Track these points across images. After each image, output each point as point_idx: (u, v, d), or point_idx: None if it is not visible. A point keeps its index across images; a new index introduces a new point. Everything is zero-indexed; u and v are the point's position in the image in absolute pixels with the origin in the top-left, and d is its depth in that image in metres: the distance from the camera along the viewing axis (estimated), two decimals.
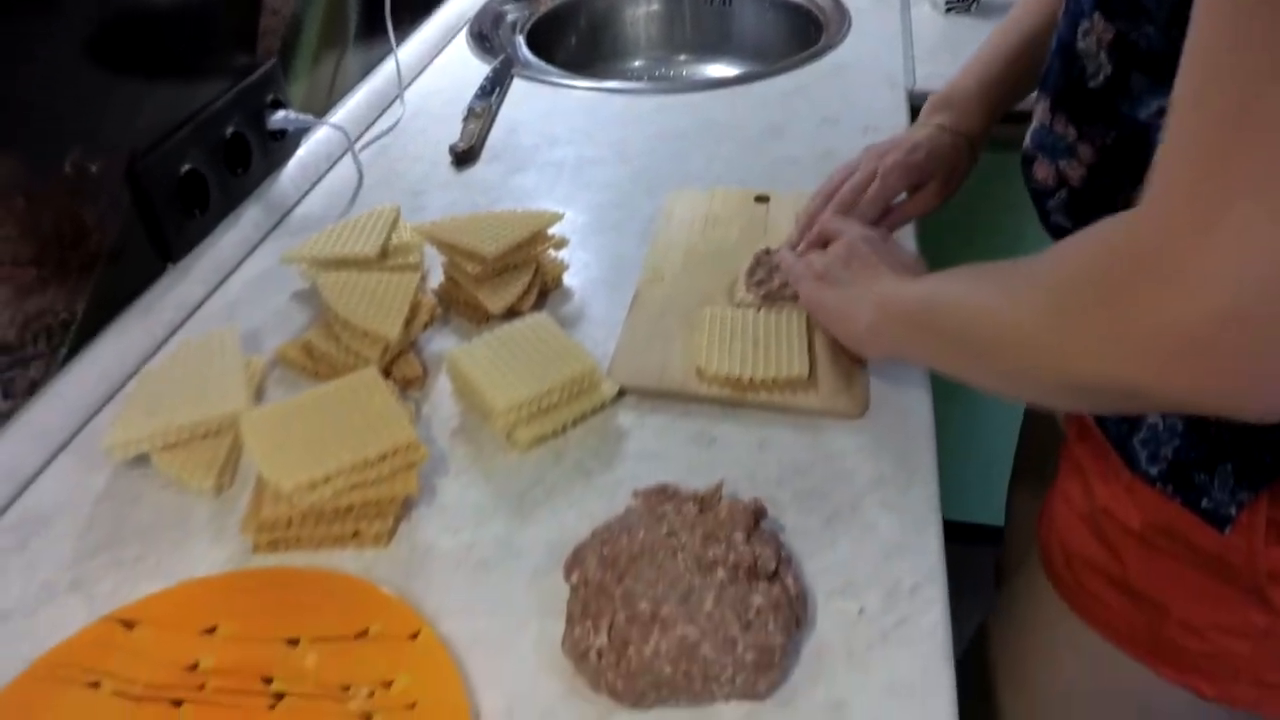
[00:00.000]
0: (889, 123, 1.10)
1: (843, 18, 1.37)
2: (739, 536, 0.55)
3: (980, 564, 1.09)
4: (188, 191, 0.85)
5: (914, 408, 0.71)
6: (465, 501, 0.66)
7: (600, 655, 0.52)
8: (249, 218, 0.94)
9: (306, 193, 1.03)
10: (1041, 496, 0.77)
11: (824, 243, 0.79)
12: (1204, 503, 0.58)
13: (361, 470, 0.61)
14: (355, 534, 0.62)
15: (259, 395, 0.75)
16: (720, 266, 0.86)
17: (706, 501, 0.59)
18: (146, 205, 0.80)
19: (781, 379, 0.72)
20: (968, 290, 0.55)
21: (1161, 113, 0.54)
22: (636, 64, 1.56)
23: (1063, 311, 0.45)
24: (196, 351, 0.74)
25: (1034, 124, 0.66)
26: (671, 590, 0.52)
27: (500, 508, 0.65)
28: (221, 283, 0.89)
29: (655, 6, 1.54)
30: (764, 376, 0.71)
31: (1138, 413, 0.60)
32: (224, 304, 0.87)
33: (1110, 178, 0.60)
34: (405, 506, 0.65)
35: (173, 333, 0.83)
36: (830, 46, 1.30)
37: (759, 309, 0.79)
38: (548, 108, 1.20)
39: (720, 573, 0.53)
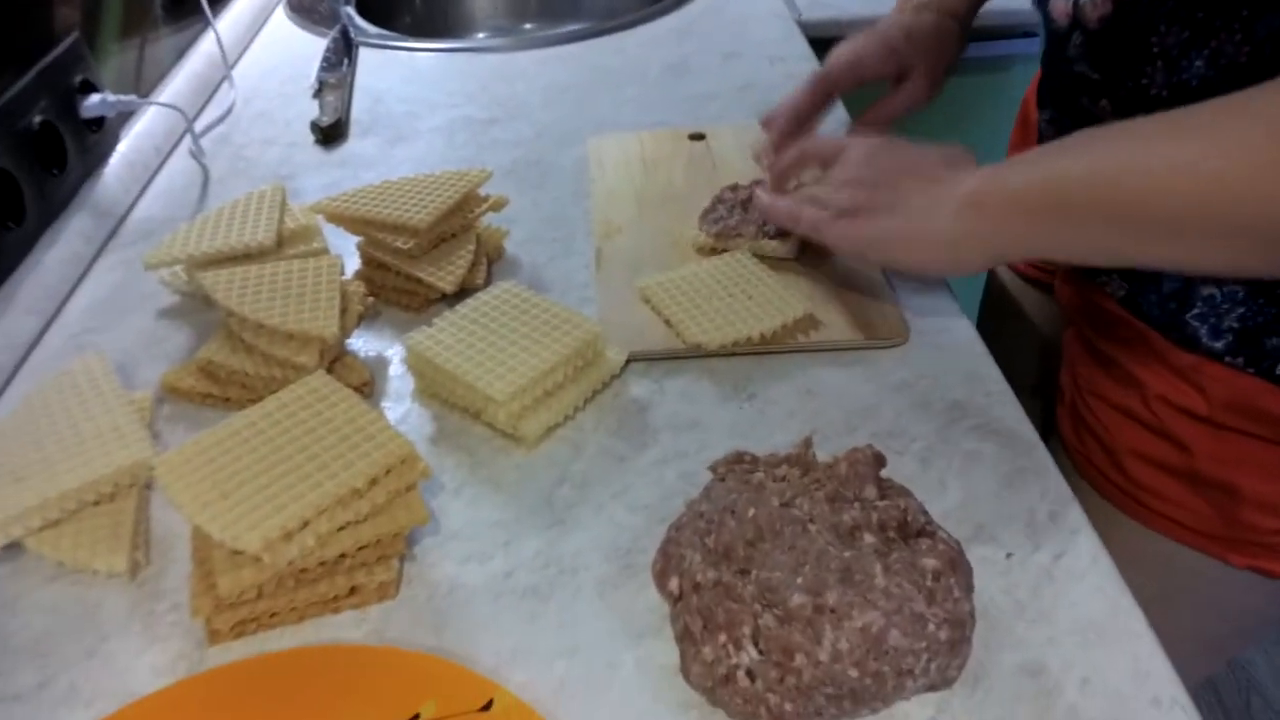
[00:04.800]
0: (792, 51, 1.03)
1: None
2: (871, 491, 0.44)
3: None
4: None
5: (950, 322, 0.63)
6: (480, 520, 0.51)
7: (752, 675, 0.39)
8: (75, 229, 0.73)
9: (139, 195, 0.83)
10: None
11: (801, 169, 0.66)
12: (1279, 369, 0.54)
13: (349, 504, 0.45)
14: (352, 590, 0.46)
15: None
16: (678, 208, 0.75)
17: (801, 460, 0.48)
18: None
19: (790, 324, 0.61)
20: (1132, 153, 0.44)
21: None
22: (480, 36, 1.41)
23: None
24: (55, 396, 0.55)
25: None
26: (824, 570, 0.40)
27: (526, 519, 0.51)
28: (57, 311, 0.68)
29: None
30: (770, 328, 0.61)
31: None
32: (66, 336, 0.67)
33: (1142, 15, 0.53)
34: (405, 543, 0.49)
35: (8, 380, 0.62)
36: None
37: (708, 253, 0.69)
38: (408, 74, 1.04)
39: (867, 538, 0.42)
